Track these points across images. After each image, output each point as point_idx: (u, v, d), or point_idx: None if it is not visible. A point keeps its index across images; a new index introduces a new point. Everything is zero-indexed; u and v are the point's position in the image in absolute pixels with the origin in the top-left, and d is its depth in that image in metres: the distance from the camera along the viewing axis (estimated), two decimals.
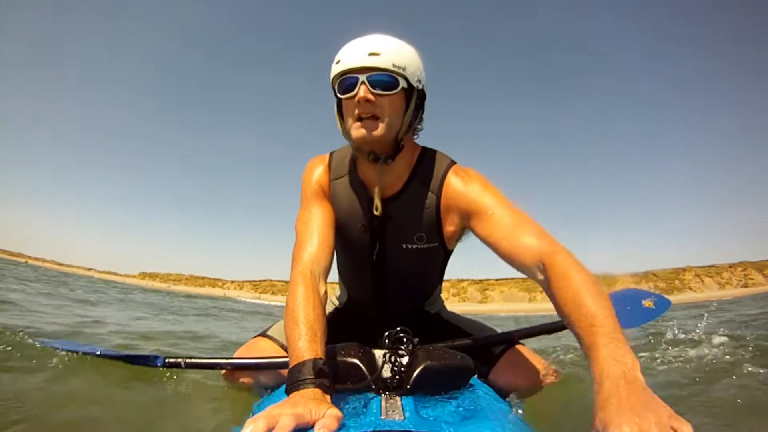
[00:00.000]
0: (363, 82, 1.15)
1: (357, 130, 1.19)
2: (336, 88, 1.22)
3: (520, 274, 1.17)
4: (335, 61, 1.21)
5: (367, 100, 1.15)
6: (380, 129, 1.18)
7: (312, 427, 0.73)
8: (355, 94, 1.15)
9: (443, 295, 1.71)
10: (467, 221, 1.28)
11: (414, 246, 1.34)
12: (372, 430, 0.77)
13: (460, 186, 1.29)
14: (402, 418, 0.86)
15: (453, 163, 1.36)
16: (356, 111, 1.17)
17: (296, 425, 0.72)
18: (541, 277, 1.06)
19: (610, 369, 0.76)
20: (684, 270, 73.44)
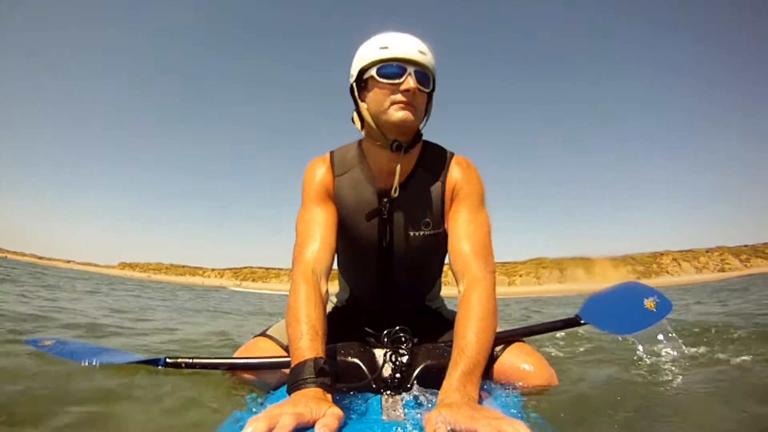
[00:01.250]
0: (410, 74, 1.22)
1: (397, 112, 1.24)
2: (376, 70, 1.26)
3: (501, 258, 1.26)
4: (380, 45, 1.26)
5: (415, 91, 1.23)
6: (416, 117, 1.26)
7: (313, 426, 0.74)
8: (401, 82, 1.22)
9: None
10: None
11: (420, 233, 1.40)
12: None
13: (461, 173, 1.39)
14: (402, 416, 0.87)
15: (453, 153, 1.45)
16: (397, 97, 1.24)
17: (297, 424, 0.73)
18: (460, 289, 1.22)
19: (454, 395, 0.89)
20: (662, 254, 74.38)
